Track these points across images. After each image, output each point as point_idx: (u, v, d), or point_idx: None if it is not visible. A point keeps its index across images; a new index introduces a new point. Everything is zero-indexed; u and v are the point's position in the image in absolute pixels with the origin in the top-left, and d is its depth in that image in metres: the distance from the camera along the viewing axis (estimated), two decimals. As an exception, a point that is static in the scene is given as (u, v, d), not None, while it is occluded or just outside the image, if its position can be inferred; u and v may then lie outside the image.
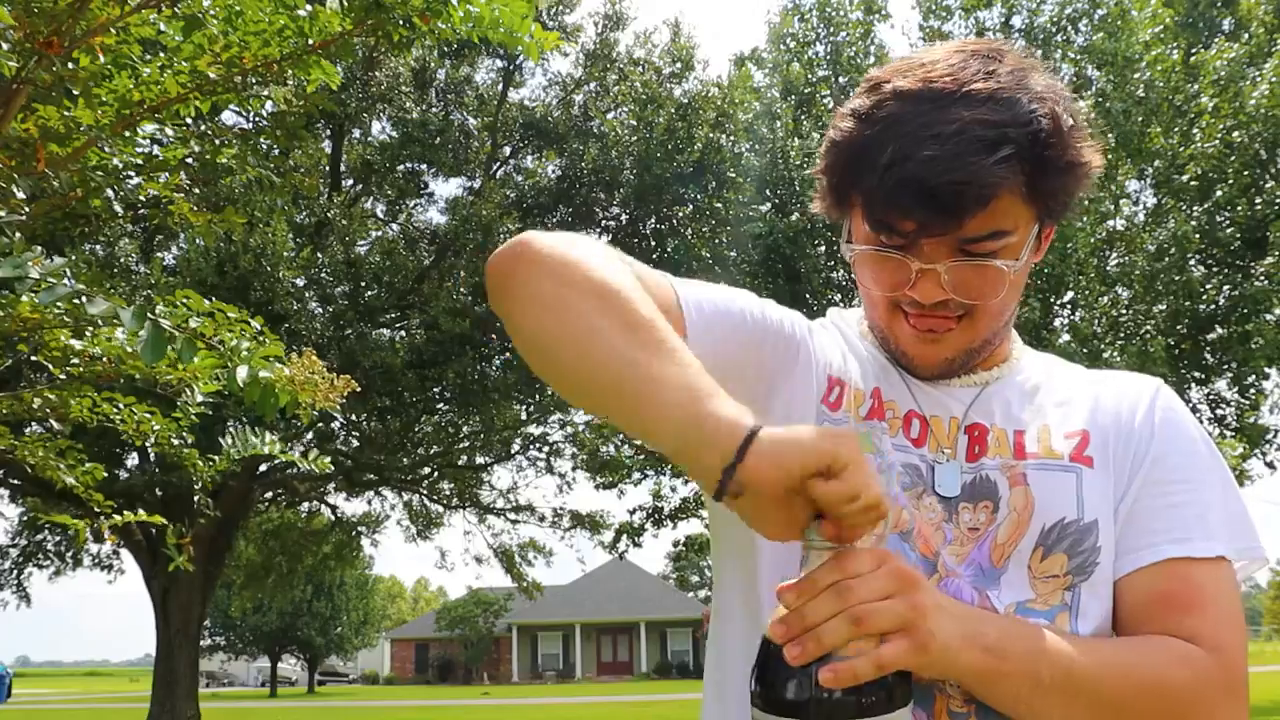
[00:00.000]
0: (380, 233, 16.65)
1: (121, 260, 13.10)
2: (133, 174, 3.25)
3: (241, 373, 2.37)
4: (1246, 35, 13.78)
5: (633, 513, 16.80)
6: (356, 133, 16.63)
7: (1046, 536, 0.99)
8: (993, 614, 0.93)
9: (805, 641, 0.79)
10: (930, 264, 0.96)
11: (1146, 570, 0.99)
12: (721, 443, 0.78)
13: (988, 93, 0.93)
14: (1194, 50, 13.68)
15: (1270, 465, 14.98)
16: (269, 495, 17.62)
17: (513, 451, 18.90)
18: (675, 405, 0.80)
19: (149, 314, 2.07)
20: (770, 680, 0.81)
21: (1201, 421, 15.06)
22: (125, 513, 3.64)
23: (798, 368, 1.06)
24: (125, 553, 17.26)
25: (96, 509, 3.73)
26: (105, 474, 3.82)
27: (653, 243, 15.83)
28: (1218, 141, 13.05)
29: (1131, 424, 1.05)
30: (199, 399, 2.98)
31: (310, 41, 3.02)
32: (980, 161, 0.90)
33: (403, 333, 15.49)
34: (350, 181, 16.98)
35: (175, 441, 3.43)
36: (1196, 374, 14.59)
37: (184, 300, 2.34)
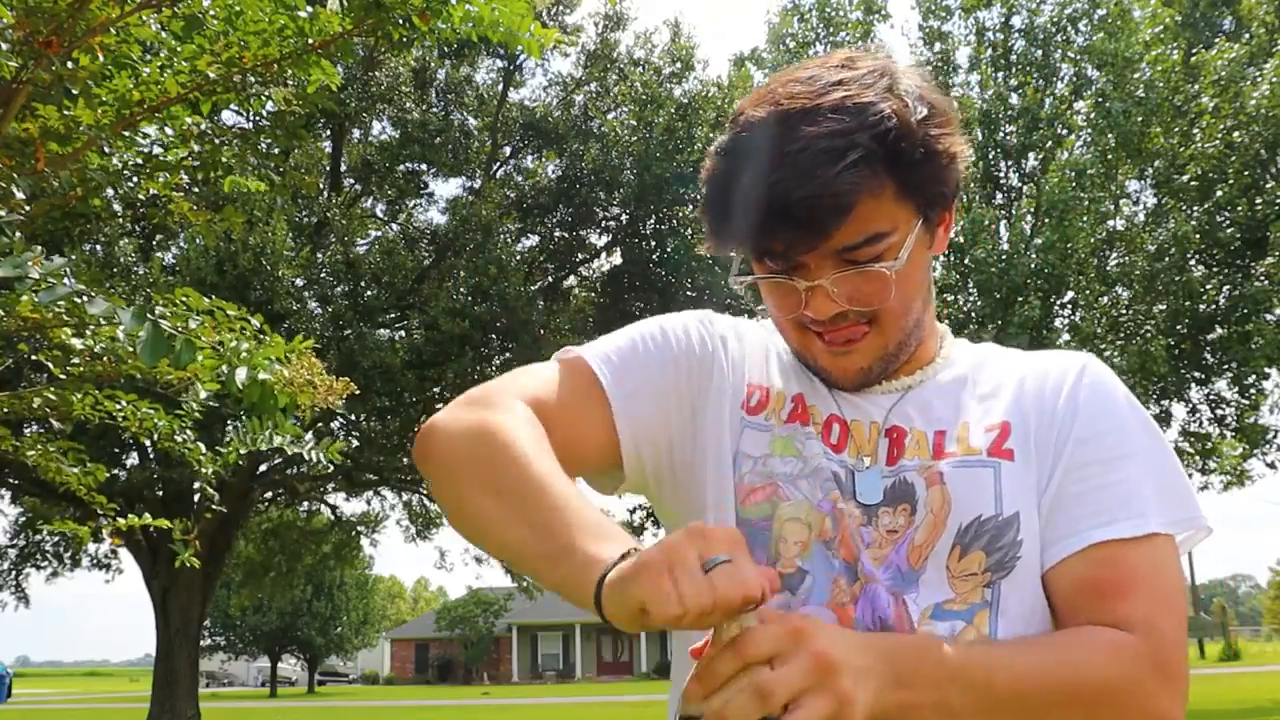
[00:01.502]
0: (380, 233, 16.65)
1: (121, 260, 13.09)
2: (132, 173, 3.24)
3: (241, 374, 2.37)
4: (1247, 35, 13.78)
5: (633, 512, 16.80)
6: (356, 133, 16.63)
7: (964, 535, 0.98)
8: (900, 643, 0.89)
9: None
10: (813, 281, 0.98)
11: (1073, 559, 0.96)
12: (588, 595, 0.82)
13: (833, 104, 0.94)
14: (1194, 50, 13.69)
15: (1271, 465, 14.98)
16: (269, 495, 17.63)
17: (513, 451, 18.82)
18: (559, 576, 0.86)
19: (148, 314, 2.07)
20: None
21: (1202, 422, 15.10)
22: (130, 516, 3.64)
23: (712, 384, 1.08)
24: (124, 552, 17.26)
25: (100, 511, 3.73)
26: (106, 474, 3.82)
27: (653, 243, 15.84)
28: (1218, 141, 13.06)
29: (1054, 407, 1.04)
30: (202, 396, 2.98)
31: (310, 41, 3.02)
32: (826, 172, 0.91)
33: (402, 333, 15.48)
34: (350, 181, 16.98)
35: (179, 438, 3.43)
36: (1196, 374, 14.59)
37: (183, 299, 2.34)
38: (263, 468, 15.32)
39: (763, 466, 1.04)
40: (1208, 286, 13.37)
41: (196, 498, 14.94)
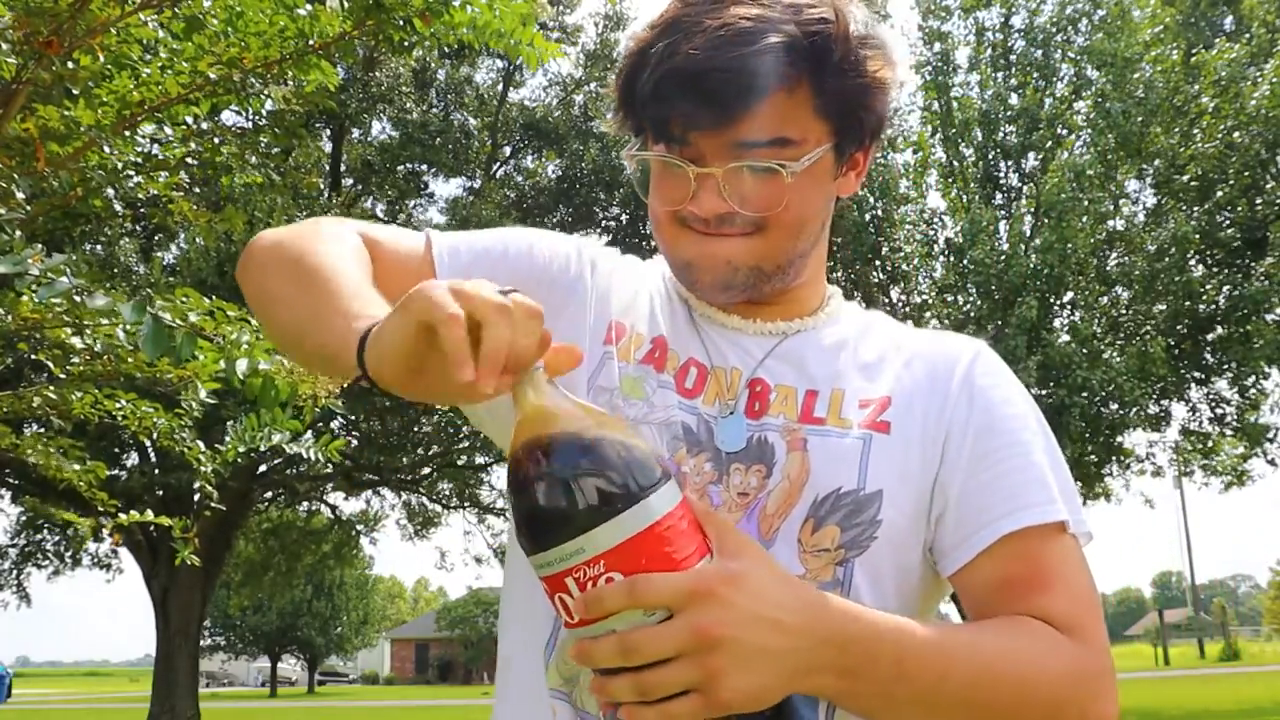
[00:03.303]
0: (380, 233, 16.62)
1: (121, 260, 13.10)
2: (133, 173, 3.25)
3: (241, 365, 2.38)
4: (1248, 35, 13.79)
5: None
6: (357, 133, 16.64)
7: (818, 508, 0.91)
8: (858, 630, 0.80)
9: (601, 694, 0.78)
10: (707, 169, 0.91)
11: (986, 554, 0.91)
12: (349, 350, 0.79)
13: None
14: (1194, 50, 13.69)
15: (1271, 462, 14.97)
16: (268, 495, 17.63)
17: (513, 451, 18.84)
18: (337, 333, 0.82)
19: (148, 308, 2.07)
20: None
21: (1202, 422, 15.08)
22: (131, 512, 3.65)
23: (568, 310, 1.01)
24: (124, 552, 17.26)
25: (100, 508, 3.74)
26: (106, 472, 3.82)
27: (653, 243, 15.81)
28: (1218, 142, 13.06)
29: (945, 391, 0.98)
30: (202, 394, 2.98)
31: (310, 42, 3.02)
32: (743, 51, 0.87)
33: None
34: (350, 181, 16.99)
35: (179, 437, 3.44)
36: (1196, 374, 14.59)
37: (184, 299, 2.35)
38: (262, 468, 15.32)
39: (607, 401, 0.96)
40: (1208, 287, 13.38)
41: (196, 498, 14.95)
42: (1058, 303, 13.76)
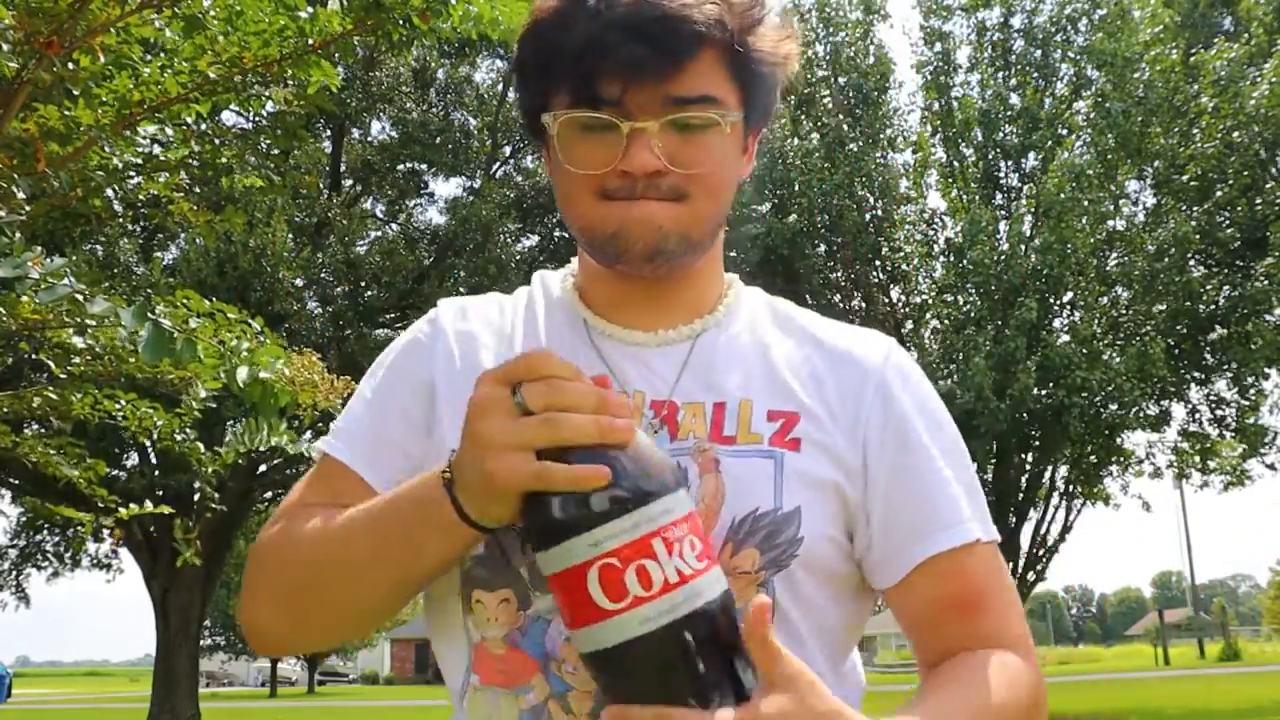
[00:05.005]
0: (380, 233, 16.65)
1: (121, 260, 13.09)
2: (133, 174, 3.25)
3: (242, 373, 2.38)
4: (1247, 35, 13.79)
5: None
6: (356, 133, 16.63)
7: (737, 530, 0.90)
8: None
9: None
10: (641, 123, 0.89)
11: (917, 572, 0.93)
12: (438, 505, 0.82)
13: None
14: (1193, 50, 13.68)
15: (1270, 467, 14.97)
16: (269, 495, 17.62)
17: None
18: (397, 524, 0.85)
19: (149, 314, 2.07)
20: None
21: (1201, 423, 15.07)
22: (131, 506, 3.64)
23: (438, 394, 0.99)
24: (124, 552, 17.26)
25: (101, 504, 3.74)
26: (106, 470, 3.82)
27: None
28: (1218, 142, 13.06)
29: (859, 396, 0.97)
30: (202, 395, 2.98)
31: (310, 42, 3.02)
32: (686, 2, 0.87)
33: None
34: (350, 181, 16.98)
35: (179, 437, 3.44)
36: (1196, 374, 14.59)
37: (184, 300, 2.35)
38: (262, 468, 15.31)
39: None
40: (1207, 287, 13.37)
41: (196, 498, 14.93)
42: (1057, 303, 13.75)
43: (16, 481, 14.77)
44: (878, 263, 14.15)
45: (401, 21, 2.96)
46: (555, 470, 0.75)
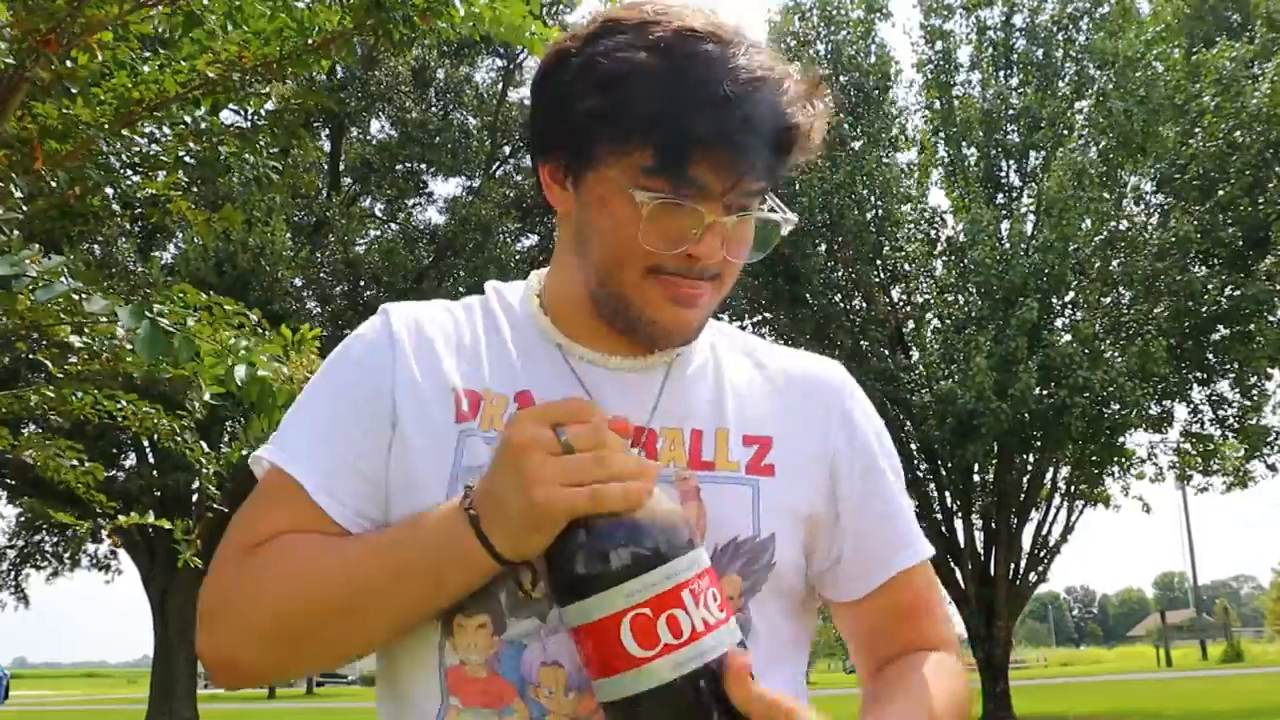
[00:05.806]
0: (379, 232, 16.65)
1: (119, 259, 13.08)
2: (131, 172, 3.23)
3: (240, 372, 2.36)
4: (1250, 34, 13.78)
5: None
6: (356, 132, 16.63)
7: (719, 559, 0.90)
8: None
9: None
10: (721, 218, 0.88)
11: (884, 588, 1.01)
12: (461, 539, 0.83)
13: (756, 42, 0.90)
14: (1195, 49, 13.67)
15: (1271, 468, 14.95)
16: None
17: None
18: (421, 562, 0.85)
19: (146, 312, 2.05)
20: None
21: (1203, 423, 15.05)
22: (131, 514, 3.63)
23: (396, 412, 0.93)
24: (123, 553, 17.24)
25: (99, 509, 3.72)
26: (104, 474, 3.80)
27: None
28: (1220, 141, 13.04)
29: (825, 423, 1.00)
30: (206, 396, 2.96)
31: (310, 40, 3.00)
32: (791, 105, 0.88)
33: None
34: (349, 181, 16.97)
35: (180, 438, 3.42)
36: (1198, 374, 14.58)
37: (180, 294, 2.33)
38: (262, 468, 15.30)
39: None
40: (1209, 287, 13.35)
41: (195, 499, 14.93)
42: (1059, 303, 13.74)
43: (14, 482, 14.75)
44: (879, 262, 14.13)
45: (401, 21, 2.94)
46: (610, 488, 0.79)
